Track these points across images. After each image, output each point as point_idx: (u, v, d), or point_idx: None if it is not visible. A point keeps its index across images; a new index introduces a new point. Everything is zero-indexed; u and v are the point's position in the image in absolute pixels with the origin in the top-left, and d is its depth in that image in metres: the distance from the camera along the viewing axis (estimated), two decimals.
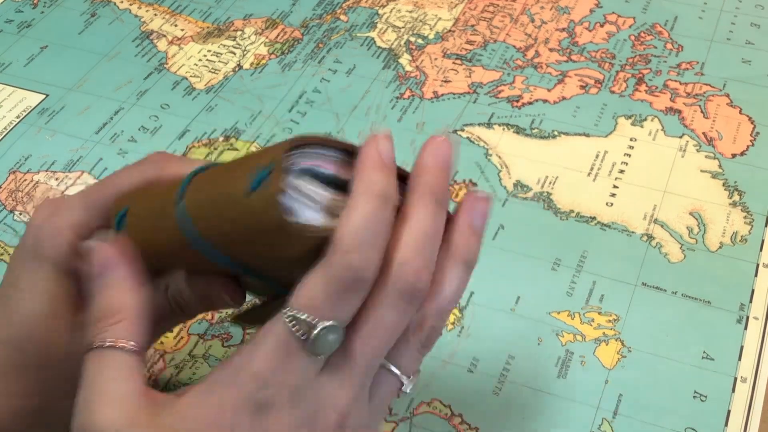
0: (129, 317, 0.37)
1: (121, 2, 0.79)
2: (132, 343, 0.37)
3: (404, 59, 0.72)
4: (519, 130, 0.66)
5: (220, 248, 0.37)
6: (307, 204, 0.36)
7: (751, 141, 0.65)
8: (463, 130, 0.66)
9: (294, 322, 0.35)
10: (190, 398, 0.36)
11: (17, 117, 0.69)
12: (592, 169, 0.63)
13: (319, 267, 0.35)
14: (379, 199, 0.35)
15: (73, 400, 0.40)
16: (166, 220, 0.38)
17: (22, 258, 0.42)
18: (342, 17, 0.77)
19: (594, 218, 0.60)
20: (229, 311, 0.55)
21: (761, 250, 0.57)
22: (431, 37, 0.74)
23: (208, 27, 0.76)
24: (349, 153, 0.37)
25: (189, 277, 0.42)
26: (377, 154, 0.36)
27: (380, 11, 0.77)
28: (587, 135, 0.65)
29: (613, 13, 0.76)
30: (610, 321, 0.54)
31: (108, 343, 0.37)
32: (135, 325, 0.37)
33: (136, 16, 0.78)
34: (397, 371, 0.38)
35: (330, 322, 0.35)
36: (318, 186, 0.36)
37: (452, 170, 0.38)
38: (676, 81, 0.69)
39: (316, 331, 0.35)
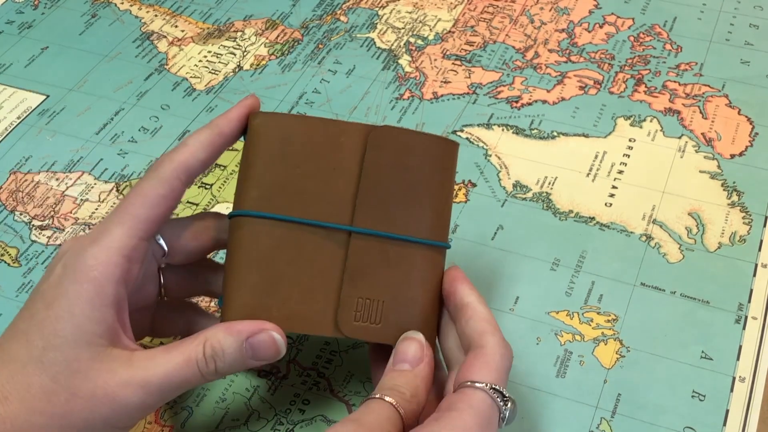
0: (420, 404, 0.43)
1: (122, 3, 0.80)
2: (405, 415, 0.41)
3: (404, 60, 0.72)
4: (518, 131, 0.66)
5: None
6: None
7: (749, 141, 0.65)
8: (462, 130, 0.66)
9: (495, 393, 0.41)
10: None
11: (18, 118, 0.69)
12: (591, 169, 0.63)
13: (493, 349, 0.42)
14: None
15: None
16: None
17: (60, 280, 0.42)
18: (342, 18, 0.77)
19: (593, 218, 0.60)
20: None
21: (760, 250, 0.58)
22: (431, 38, 0.74)
23: (208, 28, 0.77)
24: None
25: None
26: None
27: (380, 12, 0.77)
28: (586, 135, 0.65)
29: (612, 14, 0.76)
30: (608, 321, 0.54)
31: (391, 401, 0.41)
32: (416, 412, 0.42)
33: (136, 17, 0.78)
34: None
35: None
36: None
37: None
38: (675, 82, 0.69)
39: (509, 403, 0.42)
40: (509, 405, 0.41)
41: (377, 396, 0.41)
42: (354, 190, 0.45)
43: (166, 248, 0.46)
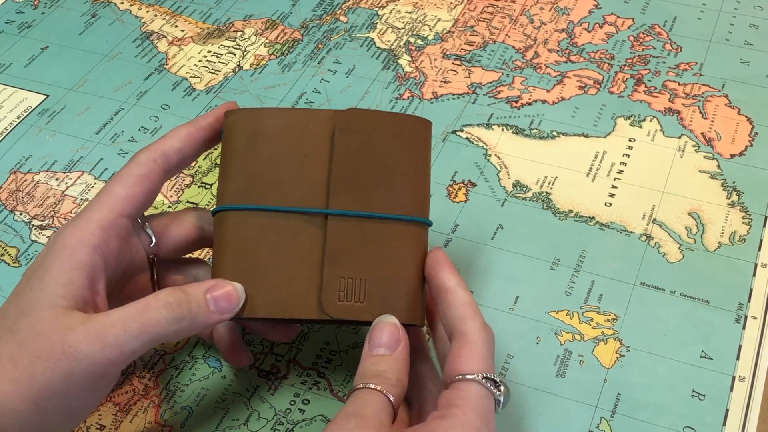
0: (404, 387, 0.43)
1: (122, 3, 0.80)
2: (395, 401, 0.42)
3: (404, 60, 0.72)
4: (518, 131, 0.66)
5: None
6: None
7: (749, 141, 0.65)
8: (462, 130, 0.66)
9: (488, 382, 0.42)
10: None
11: (18, 117, 0.69)
12: (591, 169, 0.63)
13: (476, 336, 0.43)
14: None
15: (65, 403, 0.41)
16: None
17: (42, 258, 0.44)
18: (342, 18, 0.77)
19: (593, 218, 0.60)
20: None
21: (759, 249, 0.58)
22: (431, 37, 0.74)
23: (208, 28, 0.77)
24: None
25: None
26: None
27: (380, 12, 0.77)
28: (586, 135, 0.65)
29: (612, 14, 0.76)
30: (608, 320, 0.54)
31: (381, 389, 0.42)
32: (402, 396, 0.43)
33: (136, 16, 0.78)
34: None
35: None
36: None
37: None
38: (674, 81, 0.69)
39: (502, 387, 0.42)
40: (502, 389, 0.42)
41: (369, 386, 0.42)
42: (327, 175, 0.46)
43: (153, 237, 0.48)
